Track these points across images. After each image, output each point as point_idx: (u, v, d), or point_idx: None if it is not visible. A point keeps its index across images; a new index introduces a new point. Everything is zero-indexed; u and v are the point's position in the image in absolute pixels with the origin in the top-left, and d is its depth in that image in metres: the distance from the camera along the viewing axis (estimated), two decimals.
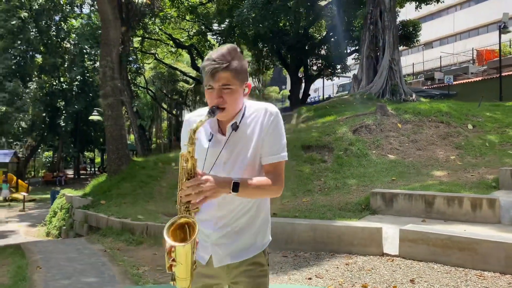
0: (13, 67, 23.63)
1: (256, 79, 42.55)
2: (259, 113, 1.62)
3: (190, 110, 41.60)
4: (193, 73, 34.26)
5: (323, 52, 25.33)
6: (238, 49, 1.59)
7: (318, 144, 9.24)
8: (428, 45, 37.63)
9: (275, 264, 4.93)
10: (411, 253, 4.79)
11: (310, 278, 4.40)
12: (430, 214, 5.92)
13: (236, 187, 1.45)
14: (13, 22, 22.49)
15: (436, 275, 4.28)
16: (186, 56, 34.77)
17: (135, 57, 27.84)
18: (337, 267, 4.70)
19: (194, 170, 1.44)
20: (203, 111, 1.61)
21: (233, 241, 1.62)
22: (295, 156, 9.01)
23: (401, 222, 5.52)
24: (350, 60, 26.11)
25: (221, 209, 1.60)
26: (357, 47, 21.97)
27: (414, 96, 14.67)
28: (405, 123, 9.71)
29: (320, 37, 25.37)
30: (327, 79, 28.31)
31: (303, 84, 26.11)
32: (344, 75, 26.90)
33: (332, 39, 24.67)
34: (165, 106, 40.38)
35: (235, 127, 1.58)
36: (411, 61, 31.92)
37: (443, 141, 8.86)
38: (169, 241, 1.42)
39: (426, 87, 21.80)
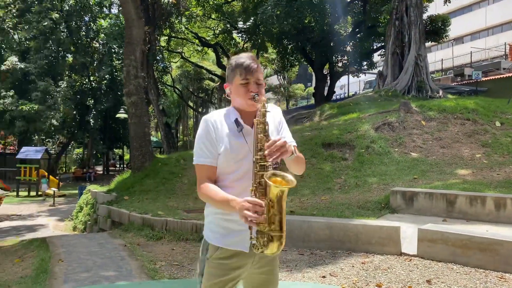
0: (45, 66, 24.37)
1: (281, 77, 42.45)
2: (270, 112, 1.79)
3: (216, 108, 41.90)
4: (218, 71, 34.50)
5: (348, 48, 25.01)
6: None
7: (339, 142, 9.15)
8: (459, 40, 36.55)
9: (290, 261, 4.93)
10: (430, 253, 4.70)
11: (324, 276, 4.38)
12: (452, 214, 5.78)
13: (295, 150, 1.70)
14: (45, 24, 23.19)
15: (454, 276, 4.18)
16: (211, 54, 35.02)
17: (161, 56, 28.25)
18: (353, 266, 4.65)
19: (268, 134, 1.66)
20: (220, 113, 1.82)
21: None
22: (316, 154, 8.95)
23: (421, 222, 5.41)
24: (376, 57, 25.70)
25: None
26: (383, 43, 21.59)
27: (441, 92, 14.29)
28: (430, 120, 9.49)
29: (345, 34, 25.05)
30: (353, 76, 27.95)
31: (328, 81, 25.86)
32: (370, 71, 26.49)
33: (358, 35, 24.35)
34: (191, 104, 40.86)
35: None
36: (440, 57, 31.09)
37: (469, 139, 8.61)
38: (271, 183, 1.51)
39: (456, 84, 21.20)
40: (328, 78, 25.92)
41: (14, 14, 24.49)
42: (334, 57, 24.77)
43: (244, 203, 1.53)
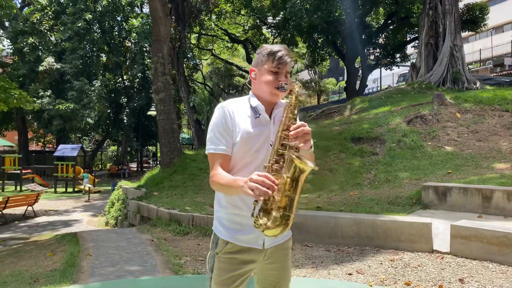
0: (80, 66, 25.07)
1: (312, 71, 42.00)
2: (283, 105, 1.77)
3: None
4: (248, 67, 34.44)
5: (380, 41, 24.43)
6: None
7: (369, 136, 8.91)
8: (499, 29, 34.96)
9: (316, 258, 4.82)
10: (463, 251, 4.48)
11: (350, 274, 4.25)
12: (488, 210, 5.49)
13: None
14: (79, 24, 23.85)
15: (489, 275, 3.96)
16: (241, 50, 35.08)
17: (192, 53, 28.53)
18: (381, 263, 4.49)
19: (297, 116, 1.64)
20: (237, 100, 1.76)
21: None
22: (345, 148, 8.76)
23: (454, 218, 5.18)
24: (410, 49, 24.96)
25: None
26: (417, 35, 20.92)
27: (478, 84, 13.69)
28: (465, 112, 9.09)
29: (377, 26, 24.47)
30: (386, 69, 27.25)
31: (360, 75, 25.36)
32: (403, 64, 25.75)
33: (390, 27, 23.72)
34: (221, 101, 41.12)
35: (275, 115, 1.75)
36: (478, 47, 29.83)
37: (508, 131, 8.18)
38: (296, 159, 1.48)
39: (495, 75, 20.29)
40: (360, 71, 25.43)
41: (50, 16, 25.33)
42: (365, 50, 24.25)
43: (253, 176, 1.45)
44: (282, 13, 25.05)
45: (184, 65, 25.24)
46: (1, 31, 27.92)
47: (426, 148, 8.12)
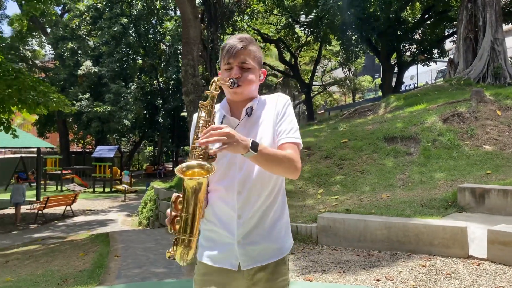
0: (117, 69, 25.78)
1: (347, 69, 41.32)
2: (272, 101, 1.61)
3: None
4: (281, 66, 34.42)
5: (417, 36, 23.70)
6: (255, 40, 1.63)
7: (403, 135, 8.61)
8: None
9: (344, 262, 4.68)
10: (502, 257, 4.22)
11: (378, 280, 4.09)
12: None
13: (255, 145, 1.33)
14: (115, 29, 24.51)
15: None
16: (274, 50, 35.01)
17: None
18: (412, 269, 4.30)
19: (213, 120, 1.42)
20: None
21: (258, 240, 1.50)
22: (377, 148, 8.51)
23: (493, 222, 4.89)
24: (449, 44, 24.08)
25: (242, 199, 1.48)
26: (455, 29, 20.15)
27: None
28: (506, 109, 8.62)
29: (413, 21, 23.75)
30: (423, 65, 26.40)
31: (396, 72, 24.71)
32: (442, 60, 24.87)
33: (428, 22, 22.96)
34: None
35: (250, 112, 1.55)
36: None
37: None
38: (180, 175, 1.30)
39: None
40: (396, 68, 24.79)
41: (88, 22, 26.20)
42: (401, 46, 23.60)
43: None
44: (314, 11, 24.81)
45: (217, 66, 25.45)
46: (43, 37, 29.16)
47: (464, 148, 7.76)
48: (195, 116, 1.62)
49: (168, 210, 1.35)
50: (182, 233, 1.33)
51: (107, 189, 21.20)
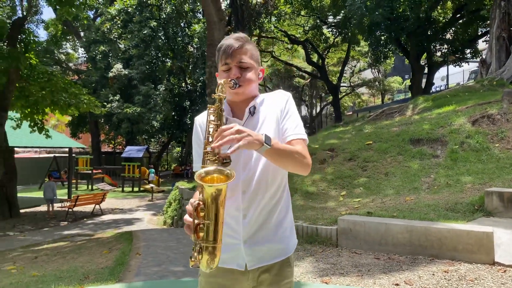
0: (146, 72, 26.31)
1: (376, 70, 40.67)
2: (273, 98, 1.60)
3: (307, 106, 41.65)
4: (308, 68, 34.25)
5: (448, 36, 23.07)
6: (250, 39, 1.62)
7: (430, 137, 8.40)
8: None
9: (363, 265, 4.61)
10: None
11: (397, 284, 4.00)
12: None
13: (268, 139, 1.33)
14: (145, 32, 25.03)
15: None
16: (301, 51, 34.87)
17: None
18: (433, 274, 4.19)
19: (222, 122, 1.39)
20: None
21: (264, 240, 1.50)
22: (402, 150, 8.33)
23: None
24: (482, 44, 23.33)
25: (246, 198, 1.48)
26: (488, 28, 19.51)
27: None
28: None
29: (445, 20, 23.15)
30: (454, 66, 25.68)
31: (426, 73, 24.14)
32: (474, 60, 24.11)
33: (459, 21, 22.33)
34: None
35: (253, 111, 1.54)
36: None
37: None
38: (199, 182, 1.26)
39: None
40: (426, 69, 24.22)
41: (119, 25, 26.85)
42: (432, 46, 23.04)
43: (188, 207, 1.28)
44: (342, 11, 24.59)
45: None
46: (77, 41, 30.10)
47: (493, 150, 7.49)
48: (198, 119, 1.63)
49: (187, 217, 1.30)
50: (206, 240, 1.29)
51: (136, 189, 21.64)
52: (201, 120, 1.59)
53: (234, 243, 1.49)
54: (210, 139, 1.35)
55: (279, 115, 1.54)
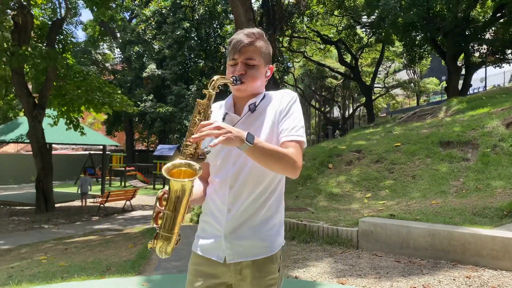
0: (179, 72, 26.78)
1: (411, 71, 39.72)
2: (277, 98, 1.59)
3: (339, 107, 41.16)
4: (341, 68, 33.85)
5: (487, 36, 22.24)
6: (265, 35, 1.62)
7: (460, 140, 8.14)
8: None
9: (382, 268, 4.54)
10: None
11: None
12: None
13: (251, 137, 1.33)
14: (178, 33, 25.49)
15: None
16: (334, 51, 34.51)
17: (282, 56, 28.81)
18: (454, 279, 4.08)
19: (206, 118, 1.41)
20: (216, 104, 1.63)
21: (246, 236, 1.50)
22: (431, 153, 8.12)
23: None
24: None
25: (233, 193, 1.49)
26: None
27: None
28: None
29: (484, 20, 22.34)
30: (494, 67, 24.73)
31: (463, 74, 23.37)
32: None
33: (500, 21, 21.47)
34: (313, 103, 40.85)
35: (253, 108, 1.55)
36: None
37: None
38: (166, 175, 1.33)
39: None
40: (464, 70, 23.44)
41: (153, 26, 27.47)
42: (470, 47, 22.28)
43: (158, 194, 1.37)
44: (376, 11, 24.18)
45: (275, 68, 25.54)
46: (113, 42, 31.02)
47: None
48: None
49: (156, 204, 1.37)
50: (162, 228, 1.37)
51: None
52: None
53: (217, 235, 1.51)
54: (192, 132, 1.38)
55: (278, 115, 1.53)
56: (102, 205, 13.26)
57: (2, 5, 12.04)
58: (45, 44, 13.24)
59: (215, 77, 1.45)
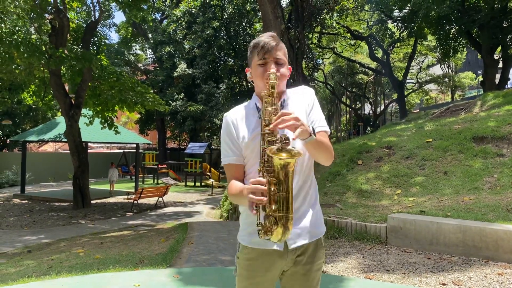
0: (208, 71, 27.08)
1: (445, 65, 38.62)
2: (299, 93, 1.71)
3: (370, 103, 40.51)
4: (372, 64, 33.31)
5: None
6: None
7: (495, 135, 7.91)
8: None
9: (411, 264, 4.51)
10: None
11: (444, 284, 3.88)
12: None
13: (314, 131, 1.47)
14: (208, 32, 25.78)
15: None
16: (365, 47, 34.01)
17: (311, 53, 28.63)
18: (485, 276, 4.01)
19: (277, 106, 1.49)
20: (240, 106, 1.72)
21: (301, 218, 1.60)
22: (464, 149, 7.93)
23: None
24: None
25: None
26: None
27: None
28: None
29: None
30: None
31: (500, 67, 22.55)
32: None
33: None
34: (344, 99, 40.35)
35: (284, 104, 1.64)
36: None
37: None
38: (271, 155, 1.35)
39: None
40: (501, 63, 22.60)
41: (184, 26, 27.87)
42: (507, 39, 21.46)
43: (249, 186, 1.37)
44: (408, 5, 23.67)
45: (304, 65, 25.43)
46: (145, 42, 31.69)
47: None
48: (229, 115, 1.68)
49: (251, 196, 1.36)
50: (279, 211, 1.37)
51: (198, 183, 22.42)
52: (233, 117, 1.67)
53: None
54: (267, 122, 1.45)
55: (307, 108, 1.66)
56: (135, 202, 13.64)
57: (40, 10, 12.57)
58: (80, 46, 13.71)
59: (272, 70, 1.54)
